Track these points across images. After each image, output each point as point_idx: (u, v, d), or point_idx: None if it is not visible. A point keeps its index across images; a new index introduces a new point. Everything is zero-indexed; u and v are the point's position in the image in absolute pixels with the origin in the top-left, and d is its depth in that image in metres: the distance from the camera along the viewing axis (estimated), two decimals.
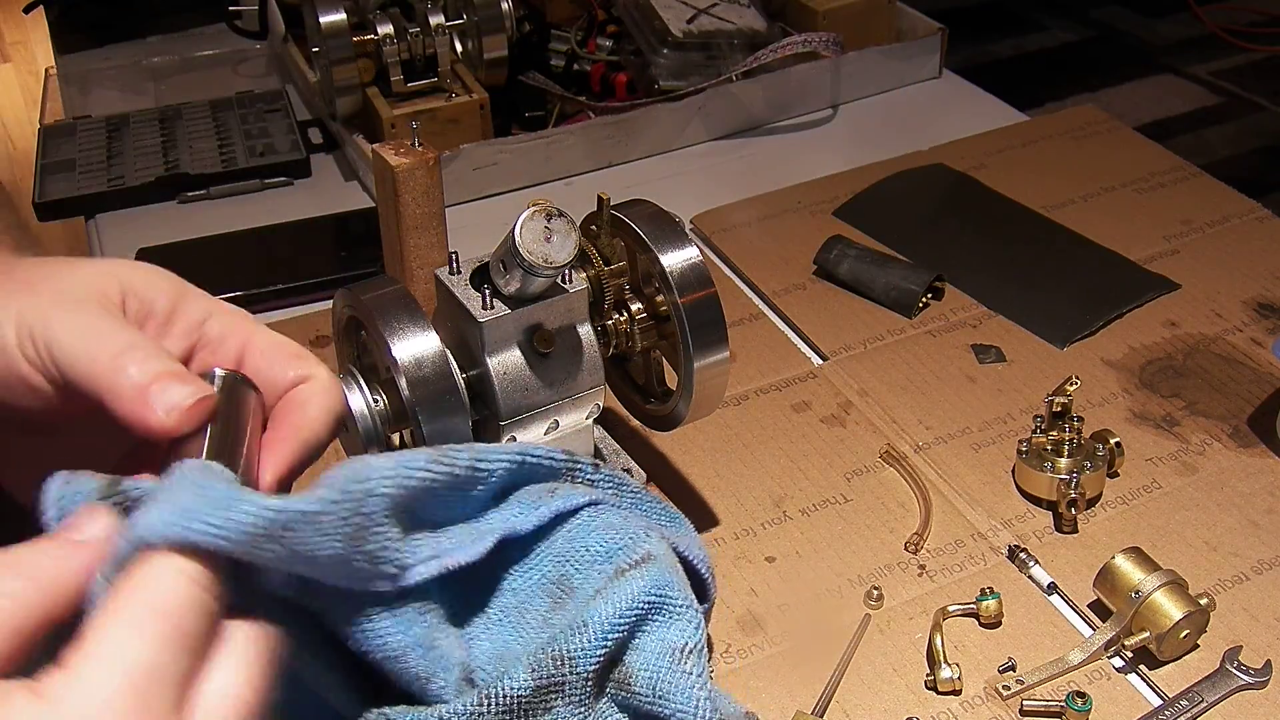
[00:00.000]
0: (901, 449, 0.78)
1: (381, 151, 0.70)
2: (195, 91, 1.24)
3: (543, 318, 0.62)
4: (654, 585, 0.49)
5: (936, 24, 1.24)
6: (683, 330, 0.63)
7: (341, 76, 1.06)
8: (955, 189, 1.05)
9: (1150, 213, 1.01)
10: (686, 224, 1.02)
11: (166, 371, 0.45)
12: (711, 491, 0.76)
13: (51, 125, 1.18)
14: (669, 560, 0.51)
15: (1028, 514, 0.74)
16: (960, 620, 0.67)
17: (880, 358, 0.86)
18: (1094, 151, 1.10)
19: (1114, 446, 0.74)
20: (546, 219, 0.58)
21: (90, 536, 0.38)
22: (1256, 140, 2.54)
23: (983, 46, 2.87)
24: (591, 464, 0.53)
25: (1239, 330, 0.87)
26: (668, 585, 0.50)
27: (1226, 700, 0.62)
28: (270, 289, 0.93)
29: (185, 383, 0.44)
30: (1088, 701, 0.60)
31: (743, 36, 1.15)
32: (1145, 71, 2.79)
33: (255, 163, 1.10)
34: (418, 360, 0.57)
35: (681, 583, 0.51)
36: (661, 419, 0.69)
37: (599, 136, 1.09)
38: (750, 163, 1.12)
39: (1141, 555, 0.65)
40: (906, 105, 1.21)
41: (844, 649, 0.65)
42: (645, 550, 0.50)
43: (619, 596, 0.48)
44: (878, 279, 0.91)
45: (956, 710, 0.62)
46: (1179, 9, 2.88)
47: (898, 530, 0.73)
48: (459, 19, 1.11)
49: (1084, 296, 0.91)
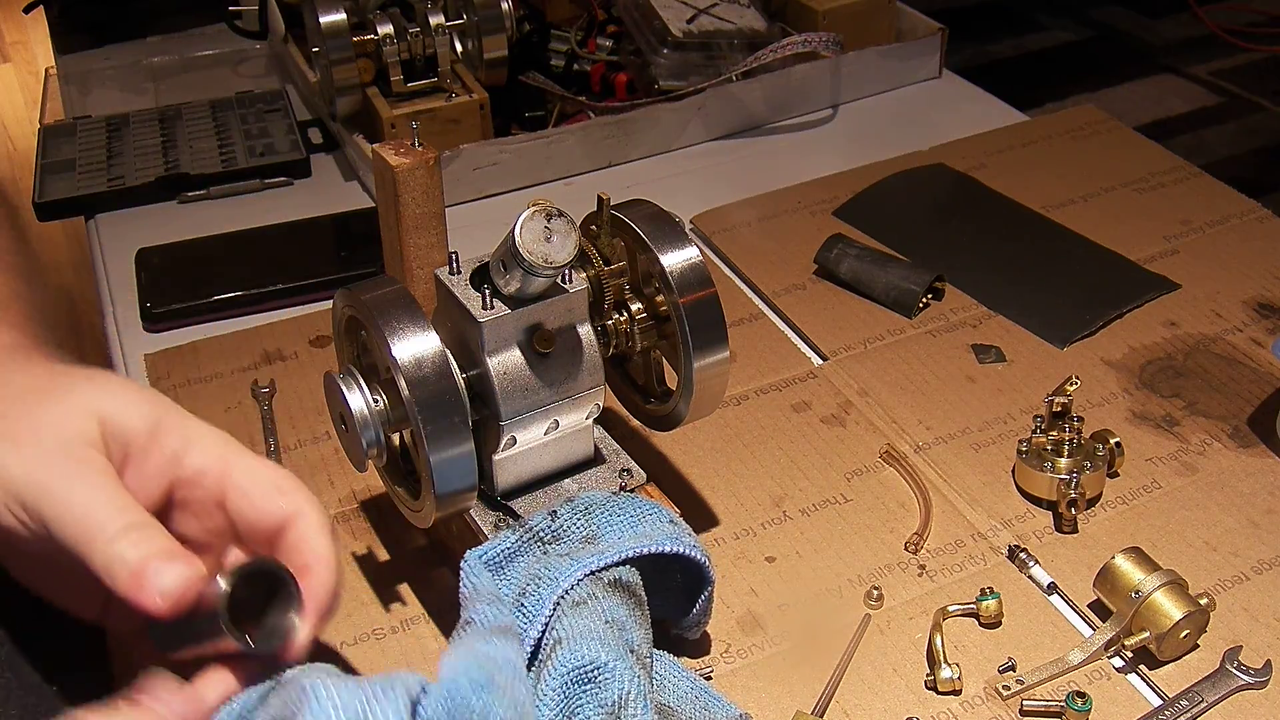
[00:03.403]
0: (901, 449, 0.78)
1: (381, 151, 0.70)
2: (195, 91, 1.24)
3: (543, 318, 0.62)
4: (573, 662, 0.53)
5: (936, 24, 1.24)
6: (683, 330, 0.63)
7: (341, 76, 1.06)
8: (955, 189, 1.05)
9: (1150, 213, 1.01)
10: (686, 224, 1.02)
11: (159, 552, 0.46)
12: (711, 491, 0.76)
13: (51, 125, 1.18)
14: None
15: (1028, 514, 0.74)
16: (960, 620, 0.67)
17: (880, 358, 0.86)
18: (1094, 151, 1.10)
19: (1114, 446, 0.74)
20: (546, 219, 0.58)
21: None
22: (1256, 140, 2.54)
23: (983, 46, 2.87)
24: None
25: (1239, 330, 0.87)
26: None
27: (1226, 700, 0.62)
28: (270, 289, 0.93)
29: (176, 562, 0.46)
30: (1088, 701, 0.60)
31: (743, 36, 1.15)
32: (1145, 71, 2.79)
33: (255, 163, 1.10)
34: (418, 360, 0.57)
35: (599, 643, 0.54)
36: (661, 419, 0.69)
37: (599, 136, 1.09)
38: (750, 163, 1.12)
39: (1141, 555, 0.65)
40: (906, 105, 1.21)
41: (844, 649, 0.65)
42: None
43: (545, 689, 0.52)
44: (878, 279, 0.91)
45: (956, 710, 0.62)
46: (1179, 9, 2.88)
47: (898, 530, 0.73)
48: (459, 19, 1.11)
49: (1084, 296, 0.91)
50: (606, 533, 0.60)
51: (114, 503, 0.47)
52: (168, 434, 0.49)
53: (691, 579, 0.62)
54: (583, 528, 0.60)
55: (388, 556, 0.72)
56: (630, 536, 0.60)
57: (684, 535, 0.60)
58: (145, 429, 0.48)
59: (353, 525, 0.74)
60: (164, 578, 0.45)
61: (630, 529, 0.60)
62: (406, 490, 0.65)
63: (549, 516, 0.60)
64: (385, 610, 0.68)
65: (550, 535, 0.60)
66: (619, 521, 0.60)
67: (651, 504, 0.62)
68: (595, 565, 0.57)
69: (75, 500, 0.46)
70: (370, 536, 0.73)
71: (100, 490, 0.47)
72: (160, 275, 0.95)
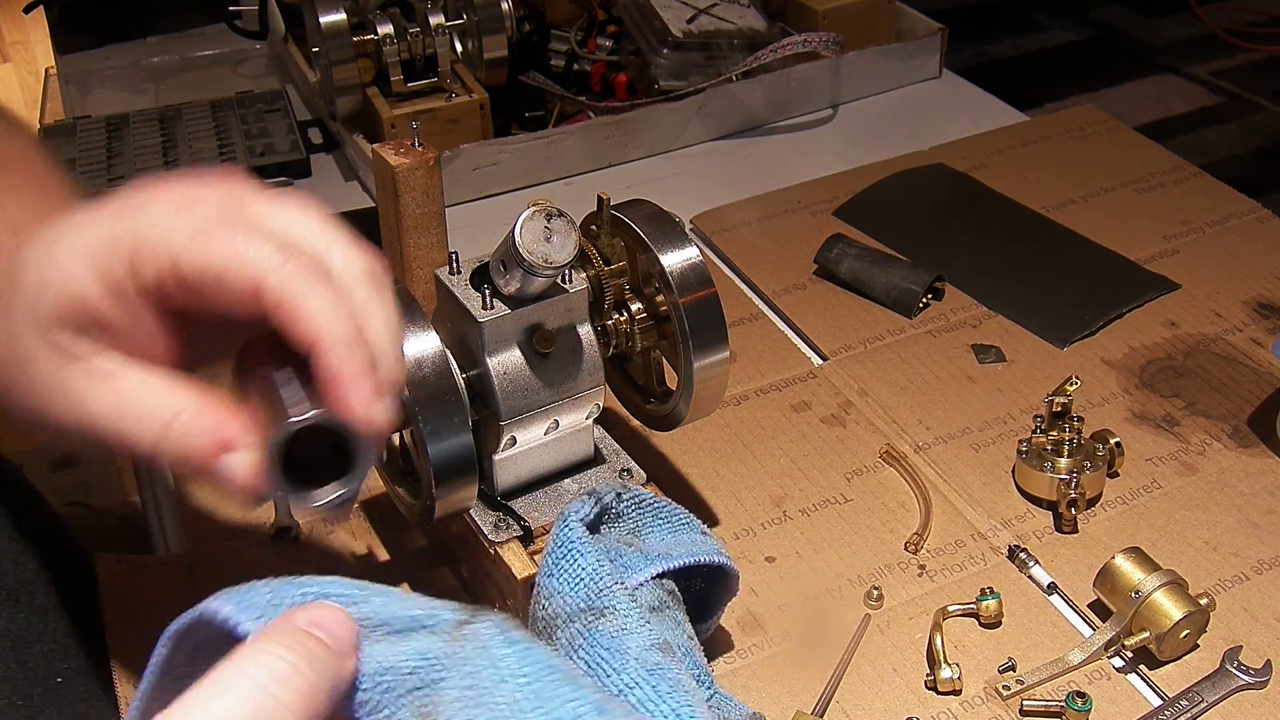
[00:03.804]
0: (901, 449, 0.78)
1: (381, 151, 0.70)
2: (195, 91, 1.24)
3: (543, 318, 0.62)
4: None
5: (936, 24, 1.24)
6: (683, 330, 0.63)
7: (341, 76, 1.06)
8: (955, 189, 1.05)
9: (1150, 213, 1.01)
10: (686, 224, 1.02)
11: (214, 444, 0.45)
12: (711, 491, 0.76)
13: (51, 125, 1.18)
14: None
15: (1028, 514, 0.74)
16: (960, 620, 0.67)
17: (880, 358, 0.86)
18: (1094, 151, 1.10)
19: (1114, 446, 0.74)
20: (546, 219, 0.58)
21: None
22: (1256, 140, 2.54)
23: (983, 46, 2.87)
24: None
25: (1239, 330, 0.87)
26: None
27: (1226, 700, 0.62)
28: None
29: (234, 454, 0.45)
30: (1088, 701, 0.60)
31: (743, 36, 1.15)
32: (1145, 71, 2.79)
33: (255, 163, 1.09)
34: (418, 360, 0.57)
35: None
36: (661, 419, 0.69)
37: (599, 136, 1.09)
38: (750, 163, 1.12)
39: (1141, 555, 0.65)
40: (906, 105, 1.21)
41: (844, 649, 0.65)
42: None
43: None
44: (878, 279, 0.91)
45: (956, 710, 0.62)
46: (1179, 9, 2.88)
47: (898, 530, 0.73)
48: (459, 19, 1.11)
49: (1084, 296, 0.91)
50: (649, 534, 0.60)
51: (144, 400, 0.46)
52: (138, 266, 0.45)
53: (711, 588, 0.62)
54: (634, 519, 0.60)
55: (388, 557, 0.72)
56: (672, 543, 0.60)
57: (722, 549, 0.61)
58: (109, 288, 0.45)
59: (353, 525, 0.74)
60: (235, 469, 0.44)
61: (671, 534, 0.60)
62: (406, 490, 0.65)
63: (615, 496, 0.59)
64: None
65: (614, 516, 0.60)
66: (660, 527, 0.61)
67: (685, 513, 0.62)
68: (663, 567, 0.57)
69: (113, 394, 0.46)
70: (370, 536, 0.73)
71: (110, 396, 0.46)
72: None
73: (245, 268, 0.44)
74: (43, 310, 0.45)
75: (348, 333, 0.44)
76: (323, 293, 0.44)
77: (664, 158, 1.13)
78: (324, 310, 0.44)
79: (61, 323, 0.45)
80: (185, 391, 0.46)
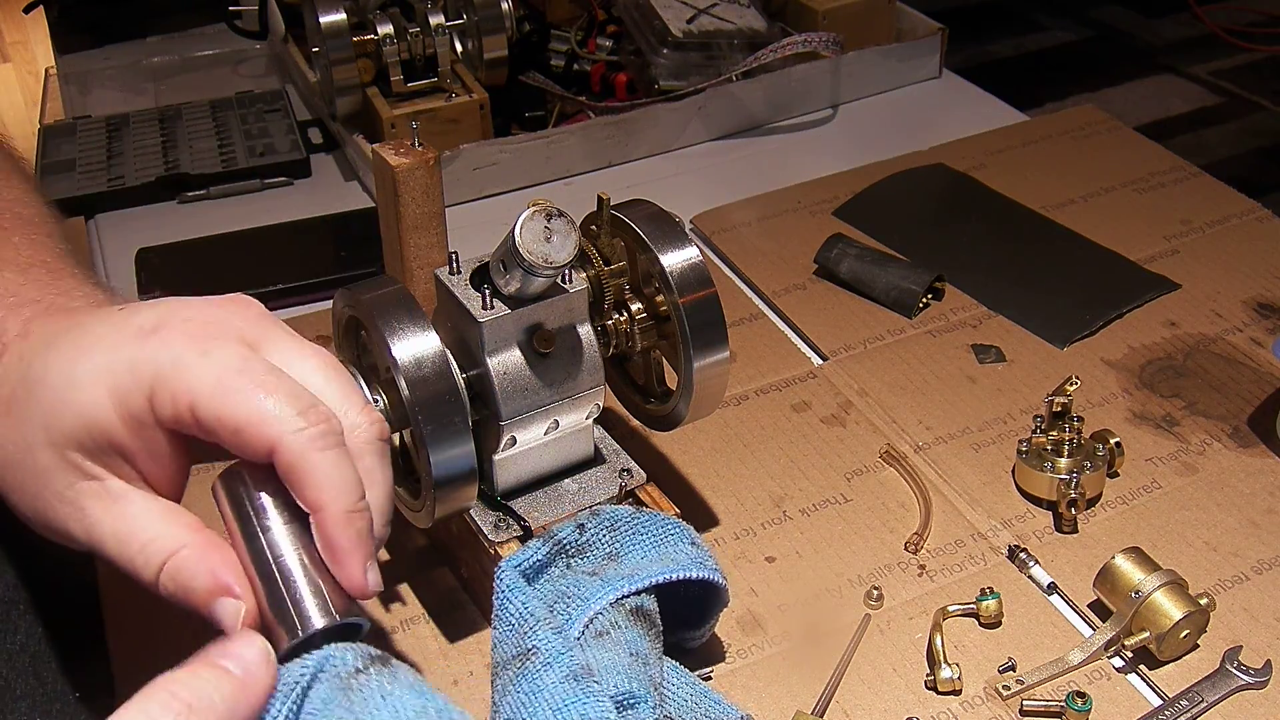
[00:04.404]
0: (901, 449, 0.78)
1: (381, 151, 0.70)
2: (195, 91, 1.24)
3: (543, 318, 0.62)
4: None
5: (936, 24, 1.24)
6: (683, 330, 0.63)
7: (341, 76, 1.06)
8: (955, 189, 1.05)
9: (1150, 213, 1.01)
10: (686, 224, 1.02)
11: (211, 587, 0.47)
12: (711, 491, 0.76)
13: (51, 125, 1.18)
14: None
15: (1028, 514, 0.74)
16: (960, 620, 0.67)
17: (880, 358, 0.86)
18: (1094, 151, 1.10)
19: (1114, 446, 0.74)
20: (546, 219, 0.58)
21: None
22: (1256, 140, 2.54)
23: (983, 46, 2.87)
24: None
25: (1239, 330, 0.87)
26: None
27: (1226, 700, 0.62)
28: (270, 289, 0.93)
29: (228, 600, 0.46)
30: (1088, 701, 0.60)
31: (743, 36, 1.15)
32: (1145, 71, 2.79)
33: (255, 163, 1.10)
34: (418, 360, 0.57)
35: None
36: (661, 419, 0.69)
37: (599, 136, 1.09)
38: (750, 163, 1.12)
39: (1141, 555, 0.65)
40: (906, 105, 1.21)
41: (844, 649, 0.65)
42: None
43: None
44: (878, 279, 0.91)
45: (956, 710, 0.62)
46: (1179, 9, 2.88)
47: (898, 530, 0.73)
48: (459, 19, 1.11)
49: (1084, 296, 0.91)
50: (630, 551, 0.59)
51: (141, 530, 0.47)
52: (157, 403, 0.47)
53: (704, 595, 0.62)
54: (607, 543, 0.59)
55: (388, 556, 0.72)
56: (654, 558, 0.59)
57: (706, 559, 0.60)
58: (128, 418, 0.47)
59: None
60: (228, 616, 0.46)
61: (654, 549, 0.59)
62: (406, 490, 0.65)
63: (576, 529, 0.59)
64: (385, 610, 0.68)
65: (575, 549, 0.59)
66: (642, 541, 0.60)
67: (674, 522, 0.61)
68: (625, 590, 0.56)
69: (114, 517, 0.48)
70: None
71: (109, 521, 0.48)
72: (160, 275, 0.95)
73: (264, 427, 0.46)
74: (61, 430, 0.47)
75: (350, 504, 0.47)
76: (334, 461, 0.47)
77: (664, 158, 1.13)
78: (332, 482, 0.47)
79: (79, 445, 0.47)
80: (187, 528, 0.48)
